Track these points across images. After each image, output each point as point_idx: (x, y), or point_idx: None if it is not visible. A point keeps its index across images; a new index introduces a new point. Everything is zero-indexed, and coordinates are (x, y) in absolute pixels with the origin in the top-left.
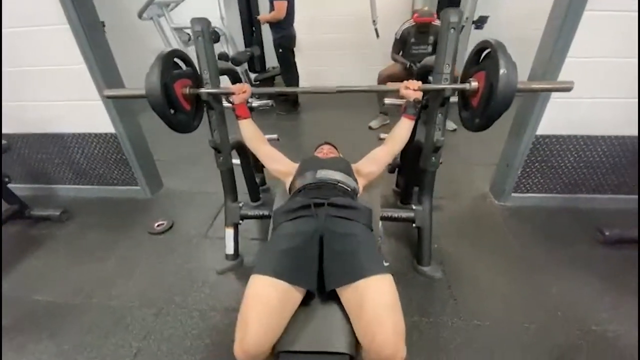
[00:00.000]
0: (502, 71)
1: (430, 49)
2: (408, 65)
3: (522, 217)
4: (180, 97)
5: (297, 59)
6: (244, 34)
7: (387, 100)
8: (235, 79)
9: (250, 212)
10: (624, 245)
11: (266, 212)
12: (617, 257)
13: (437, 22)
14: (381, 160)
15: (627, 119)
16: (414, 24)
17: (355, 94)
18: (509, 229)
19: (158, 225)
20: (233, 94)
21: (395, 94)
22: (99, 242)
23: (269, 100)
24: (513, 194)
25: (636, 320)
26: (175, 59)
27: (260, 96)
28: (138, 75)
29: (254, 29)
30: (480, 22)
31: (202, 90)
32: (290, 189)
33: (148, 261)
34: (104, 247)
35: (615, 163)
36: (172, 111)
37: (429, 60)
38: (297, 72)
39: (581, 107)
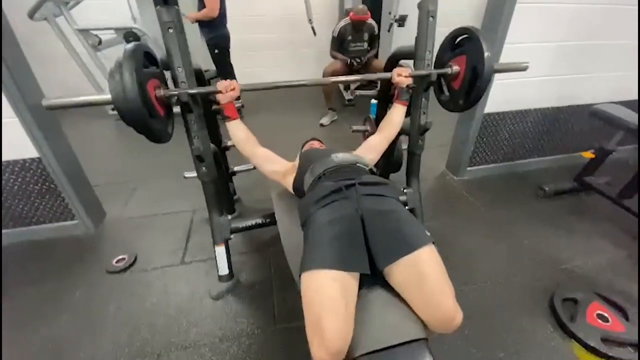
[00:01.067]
0: (486, 54)
1: (366, 45)
2: (349, 62)
3: (479, 187)
4: (154, 100)
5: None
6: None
7: (358, 92)
8: (200, 81)
9: (242, 224)
10: (560, 196)
11: (259, 221)
12: (558, 206)
13: (370, 21)
14: (378, 147)
15: (546, 93)
16: (349, 22)
17: (301, 95)
18: (473, 199)
19: (117, 262)
20: (219, 92)
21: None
22: (40, 297)
23: (238, 101)
24: (468, 168)
25: (588, 251)
26: None
27: None
28: None
29: None
30: (401, 20)
31: (182, 90)
32: (296, 185)
33: (119, 305)
34: (49, 302)
35: (539, 131)
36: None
37: (401, 48)
38: (234, 73)
39: (515, 87)
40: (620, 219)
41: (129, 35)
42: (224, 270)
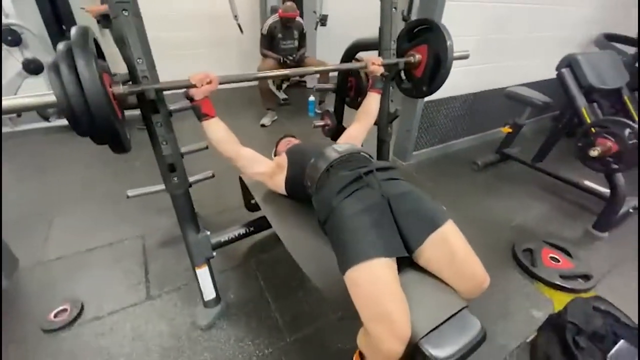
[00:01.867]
0: (448, 42)
1: (296, 43)
2: (282, 60)
3: (425, 169)
4: (112, 99)
5: None
6: (49, 34)
7: (317, 86)
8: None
9: (223, 238)
10: (489, 167)
11: (242, 231)
12: (489, 176)
13: (299, 18)
14: (359, 137)
15: (470, 81)
16: (278, 19)
17: (233, 97)
18: (423, 179)
19: (57, 315)
20: (194, 86)
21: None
22: None
23: None
24: (414, 153)
25: (522, 209)
26: None
27: None
28: None
29: (64, 26)
30: (323, 20)
31: (149, 86)
32: (291, 184)
33: None
34: None
35: (464, 114)
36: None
37: (359, 40)
38: None
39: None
40: (536, 179)
41: (6, 33)
42: (210, 294)
